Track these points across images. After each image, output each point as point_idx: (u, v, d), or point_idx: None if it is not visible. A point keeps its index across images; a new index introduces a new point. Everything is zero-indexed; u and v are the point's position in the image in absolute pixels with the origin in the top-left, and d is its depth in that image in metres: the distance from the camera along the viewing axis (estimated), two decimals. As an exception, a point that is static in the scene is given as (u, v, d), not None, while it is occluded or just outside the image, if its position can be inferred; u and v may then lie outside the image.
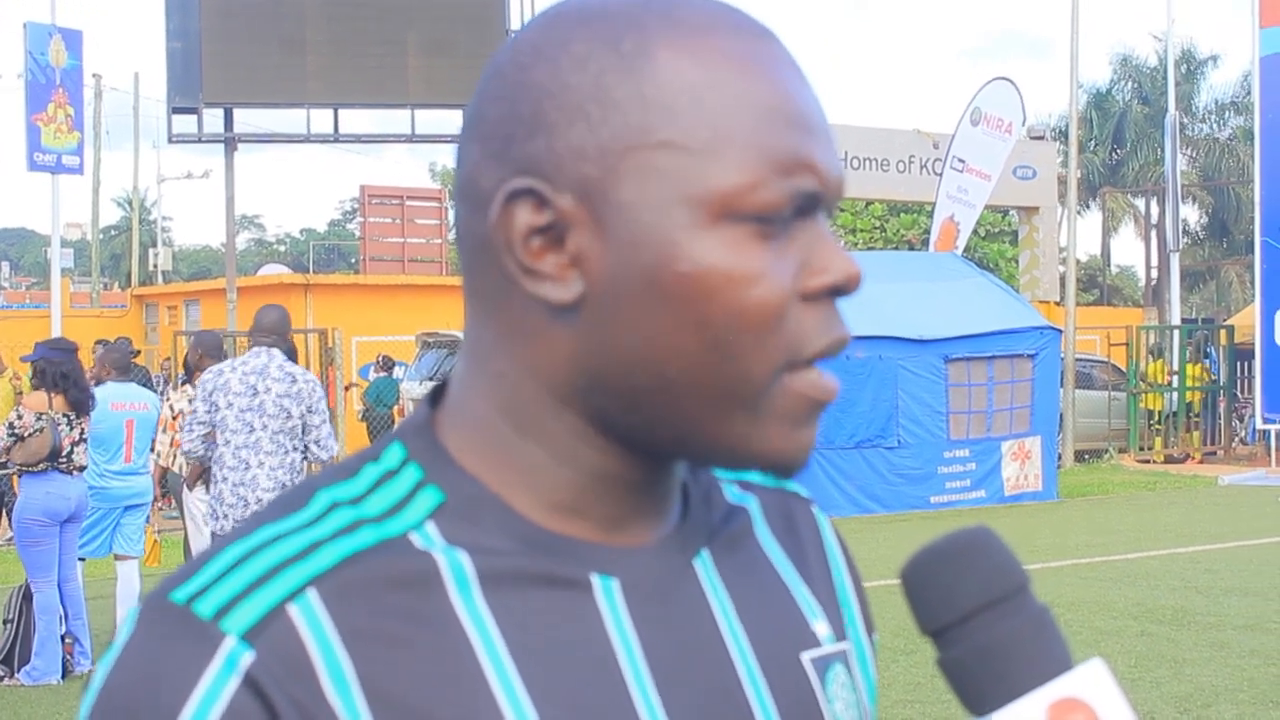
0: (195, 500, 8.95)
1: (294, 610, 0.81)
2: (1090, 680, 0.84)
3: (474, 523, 0.88)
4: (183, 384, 10.33)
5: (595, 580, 0.88)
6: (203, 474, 8.74)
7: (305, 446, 7.27)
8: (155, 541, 10.03)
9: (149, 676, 0.80)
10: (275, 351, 7.38)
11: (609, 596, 0.88)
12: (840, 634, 1.02)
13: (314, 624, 0.81)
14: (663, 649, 0.89)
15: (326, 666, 0.80)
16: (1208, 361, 23.51)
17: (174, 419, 9.31)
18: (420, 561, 0.85)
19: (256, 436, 7.15)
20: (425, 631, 0.83)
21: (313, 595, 0.82)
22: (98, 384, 9.39)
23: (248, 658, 0.79)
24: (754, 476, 1.05)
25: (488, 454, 0.90)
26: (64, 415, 8.33)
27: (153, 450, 9.69)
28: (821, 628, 0.99)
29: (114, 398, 9.12)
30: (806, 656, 0.96)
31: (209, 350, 9.27)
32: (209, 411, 7.29)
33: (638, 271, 0.84)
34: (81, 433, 8.43)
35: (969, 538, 0.89)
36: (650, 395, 0.86)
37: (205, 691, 0.78)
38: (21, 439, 8.26)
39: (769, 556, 1.00)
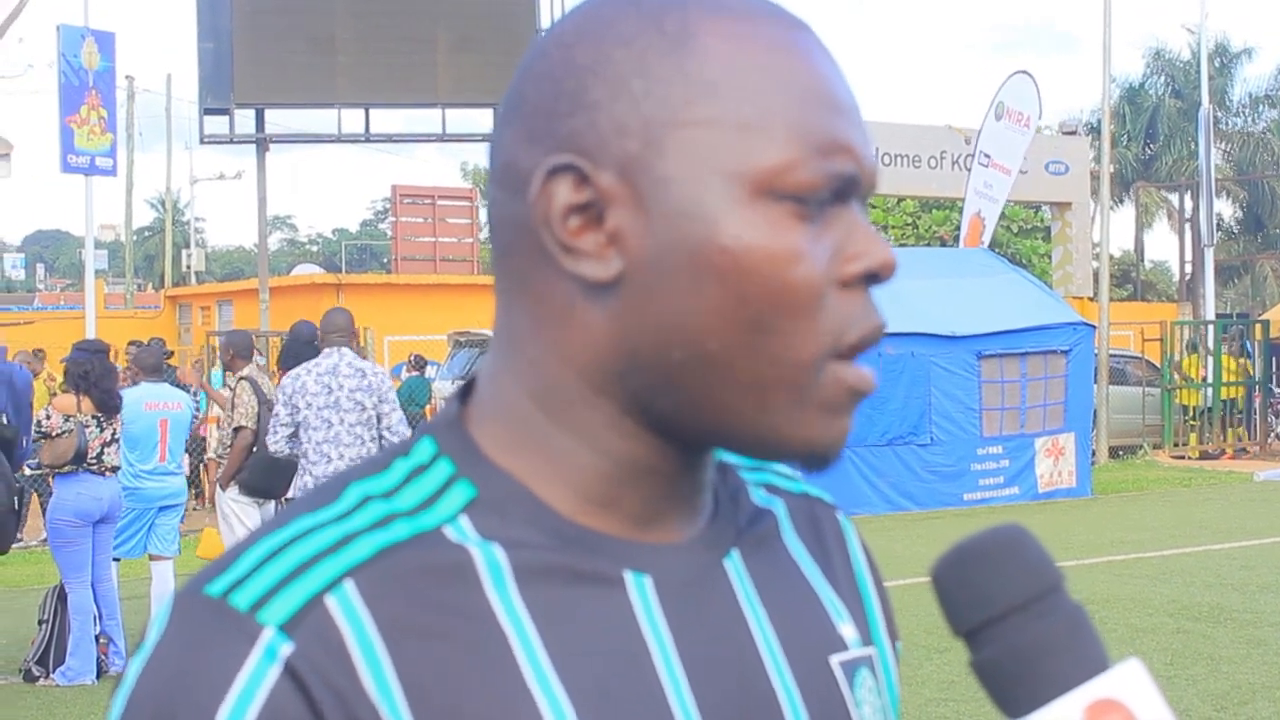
0: (228, 500, 9.01)
1: (331, 601, 0.81)
2: (1128, 681, 0.82)
3: (506, 517, 0.87)
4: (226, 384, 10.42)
5: (628, 577, 0.88)
6: (235, 474, 8.82)
7: (380, 435, 7.74)
8: None
9: (187, 669, 0.79)
10: (345, 350, 7.95)
11: (642, 593, 0.88)
12: (866, 639, 1.01)
13: (351, 615, 0.81)
14: (696, 647, 0.88)
15: (364, 658, 0.80)
16: (1247, 358, 23.33)
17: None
18: (455, 555, 0.85)
19: (335, 431, 7.64)
20: (461, 625, 0.83)
21: (350, 587, 0.81)
22: (133, 384, 9.43)
23: (287, 648, 0.79)
24: (779, 480, 1.05)
25: (519, 446, 0.90)
26: (93, 417, 8.36)
27: (205, 449, 9.76)
28: (849, 631, 0.99)
29: (148, 398, 9.15)
30: (835, 659, 0.96)
31: (239, 351, 9.35)
32: (290, 414, 7.83)
33: (678, 247, 0.84)
34: (113, 434, 8.46)
35: (1001, 536, 0.87)
36: (688, 374, 0.85)
37: (246, 682, 0.78)
38: (49, 437, 8.30)
39: (796, 560, 1.00)
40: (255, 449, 8.92)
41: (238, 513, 8.90)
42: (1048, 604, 0.85)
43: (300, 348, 10.38)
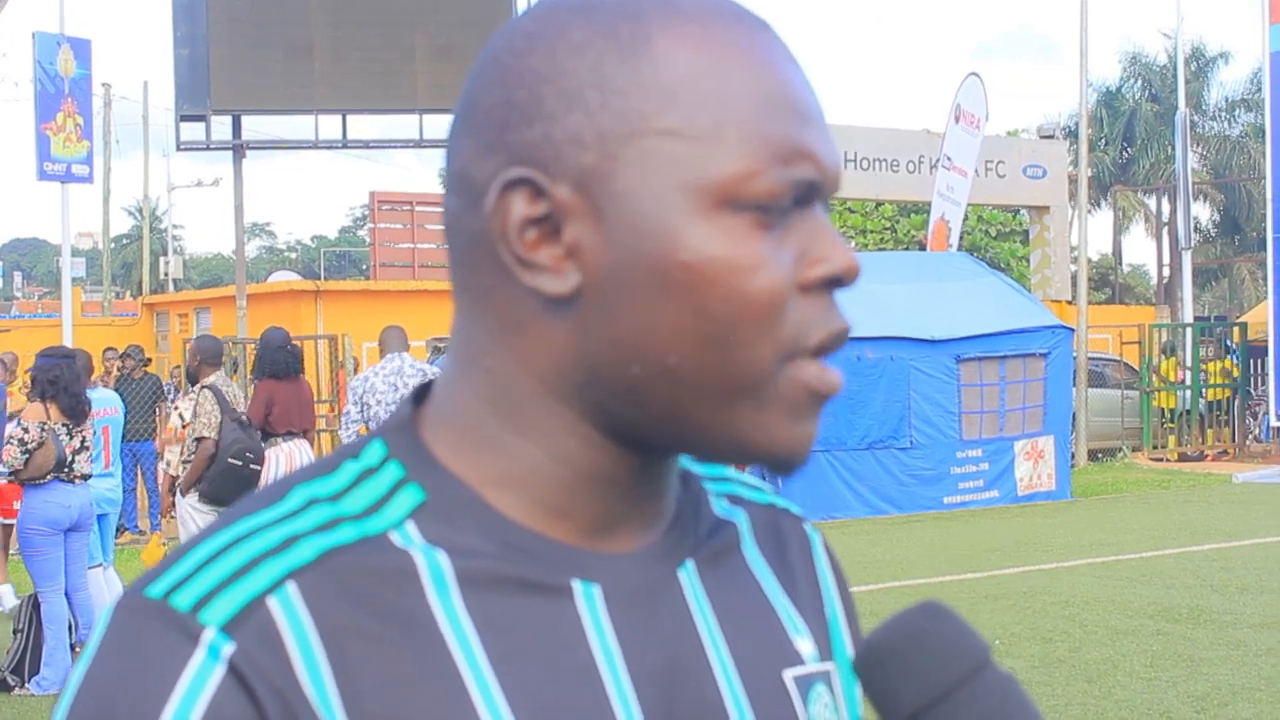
0: (188, 506, 8.99)
1: (273, 603, 0.80)
2: None
3: (454, 523, 0.85)
4: (188, 393, 10.36)
5: (577, 586, 0.86)
6: (195, 482, 8.81)
7: None
8: None
9: (130, 670, 0.78)
10: (405, 355, 9.95)
11: (590, 603, 0.86)
12: (826, 654, 0.99)
13: (292, 617, 0.79)
14: (644, 659, 0.86)
15: (304, 660, 0.79)
16: (1232, 358, 23.40)
17: (184, 428, 9.33)
18: (398, 559, 0.83)
19: None
20: (402, 631, 0.81)
21: (291, 589, 0.80)
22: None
23: (229, 648, 0.78)
24: (744, 491, 1.03)
25: (473, 452, 0.88)
26: (63, 425, 8.30)
27: (161, 459, 9.70)
28: (806, 646, 0.97)
29: (94, 405, 9.07)
30: (789, 674, 0.94)
31: (208, 358, 9.28)
32: (360, 411, 9.62)
33: (637, 261, 0.82)
34: (82, 441, 8.40)
35: (909, 627, 0.84)
36: (649, 387, 0.84)
37: (189, 683, 0.77)
38: (31, 451, 8.23)
39: (755, 572, 0.98)
40: (215, 459, 8.89)
41: (196, 518, 8.89)
42: (969, 691, 0.82)
43: (273, 354, 10.45)
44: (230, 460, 8.84)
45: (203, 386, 9.09)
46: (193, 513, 8.94)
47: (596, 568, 0.87)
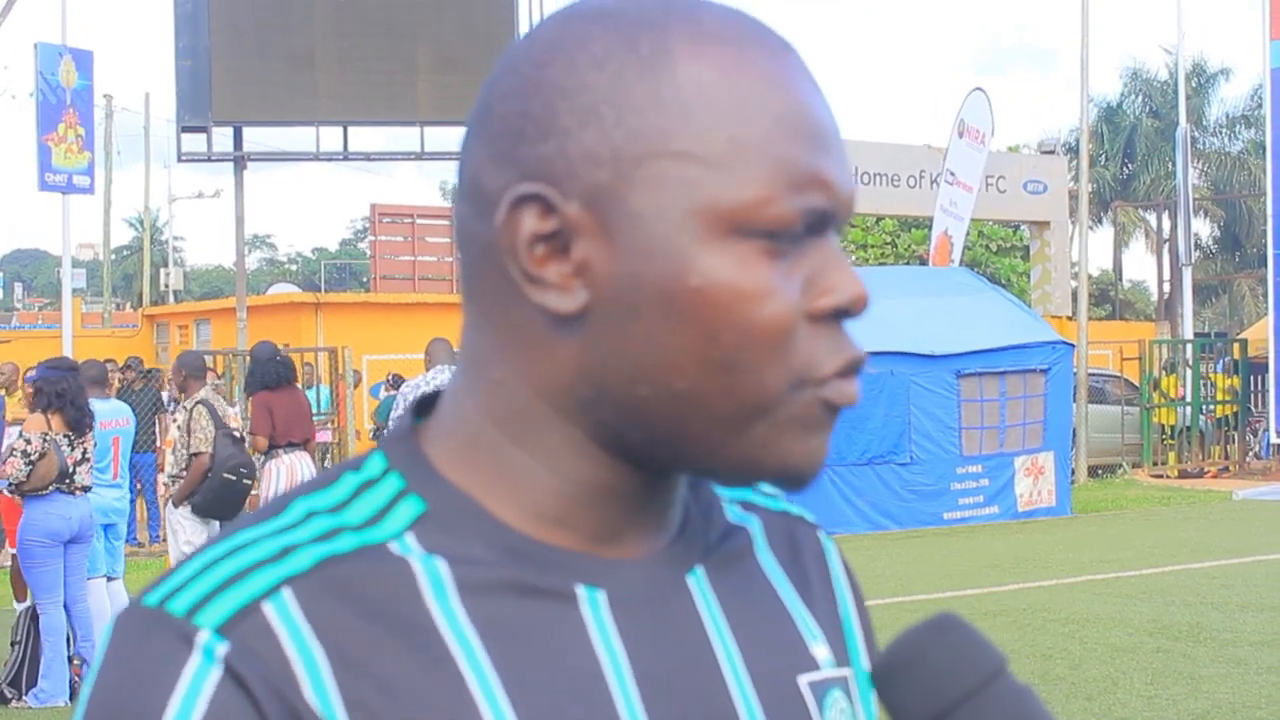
0: (179, 517, 9.00)
1: (268, 607, 0.80)
2: None
3: (455, 532, 0.85)
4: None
5: (581, 592, 0.86)
6: (189, 495, 8.83)
7: None
8: None
9: (130, 677, 0.79)
10: (452, 367, 9.49)
11: (595, 609, 0.86)
12: (843, 660, 0.99)
13: (289, 623, 0.79)
14: (652, 665, 0.86)
15: (304, 664, 0.79)
16: (1237, 375, 23.39)
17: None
18: (396, 567, 0.83)
19: None
20: (403, 634, 0.81)
21: (287, 594, 0.80)
22: None
23: (223, 648, 0.78)
24: (757, 498, 1.02)
25: (475, 463, 0.88)
26: (64, 436, 8.28)
27: (161, 471, 9.69)
28: (821, 651, 0.96)
29: (101, 416, 9.03)
30: (804, 680, 0.93)
31: (192, 372, 9.30)
32: None
33: (645, 284, 0.82)
34: (84, 453, 8.39)
35: (924, 636, 0.86)
36: (657, 409, 0.84)
37: (188, 685, 0.77)
38: (34, 462, 8.21)
39: (769, 578, 0.98)
40: (210, 473, 8.89)
41: (187, 528, 8.90)
42: (976, 703, 0.83)
43: (265, 366, 10.53)
44: (225, 475, 8.85)
45: (196, 402, 9.09)
46: (184, 523, 8.96)
47: (601, 573, 0.87)
